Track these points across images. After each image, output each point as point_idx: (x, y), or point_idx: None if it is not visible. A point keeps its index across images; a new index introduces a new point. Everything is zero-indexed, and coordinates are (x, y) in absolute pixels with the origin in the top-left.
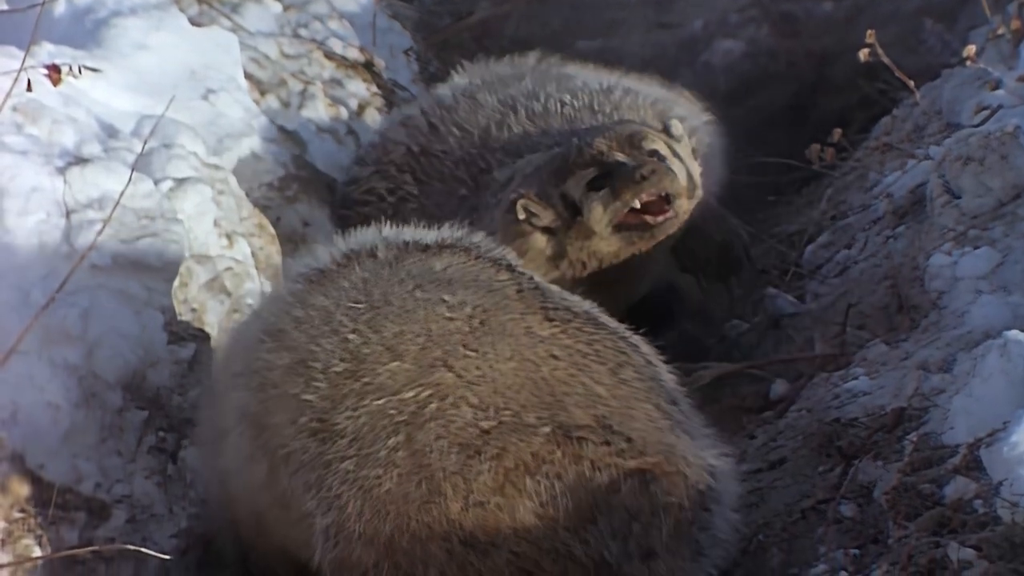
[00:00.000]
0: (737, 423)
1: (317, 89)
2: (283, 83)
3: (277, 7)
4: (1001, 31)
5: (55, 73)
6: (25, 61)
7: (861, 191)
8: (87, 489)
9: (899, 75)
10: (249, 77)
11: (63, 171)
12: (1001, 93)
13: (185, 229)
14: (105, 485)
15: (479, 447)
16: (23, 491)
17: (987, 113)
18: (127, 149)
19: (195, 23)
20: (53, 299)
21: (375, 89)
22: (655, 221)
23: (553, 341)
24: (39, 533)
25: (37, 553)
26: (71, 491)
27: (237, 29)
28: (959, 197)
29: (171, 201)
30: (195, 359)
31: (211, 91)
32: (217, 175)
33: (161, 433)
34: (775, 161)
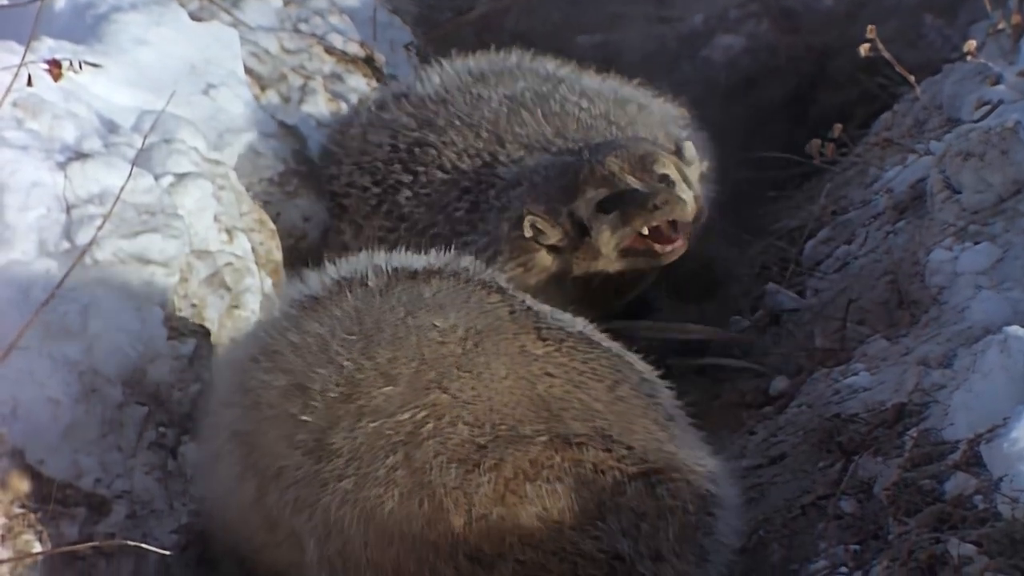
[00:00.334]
0: (737, 419)
1: (317, 84)
2: (283, 78)
3: (277, 2)
4: (1001, 26)
5: (55, 68)
6: (25, 56)
7: (861, 186)
8: (87, 484)
9: (899, 70)
10: (249, 72)
11: (63, 166)
12: (1002, 88)
13: (185, 224)
14: (105, 480)
15: (477, 461)
16: (23, 486)
17: (987, 108)
18: (127, 144)
19: (195, 18)
20: (53, 295)
21: (375, 84)
22: (663, 251)
23: (548, 359)
24: (39, 529)
25: (37, 549)
26: (71, 486)
27: (237, 24)
28: (959, 192)
29: (171, 196)
30: (195, 354)
31: (211, 86)
32: (217, 170)
33: (161, 428)
34: (775, 156)
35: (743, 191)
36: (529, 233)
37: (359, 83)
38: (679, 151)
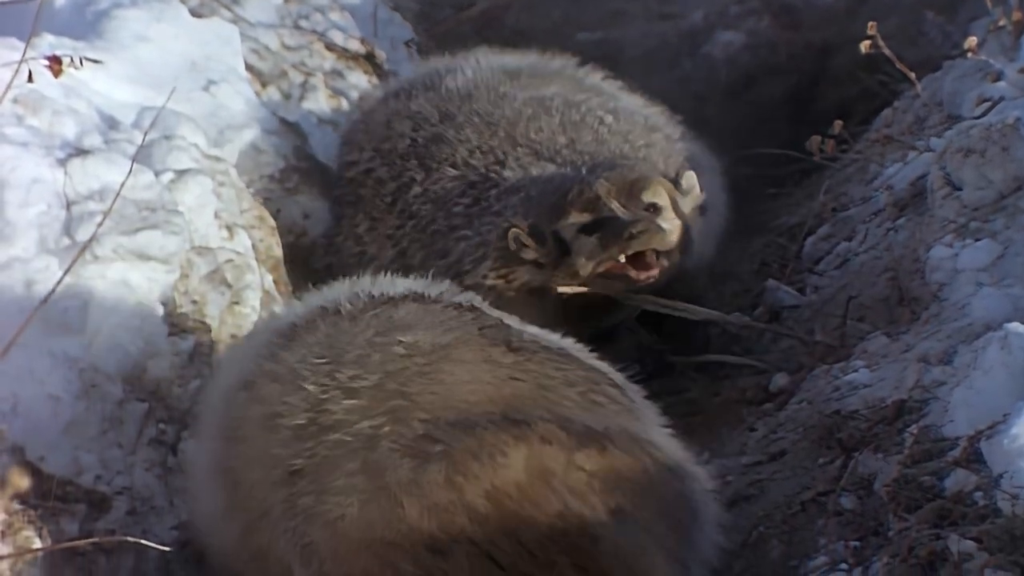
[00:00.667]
0: (737, 415)
1: (318, 80)
2: (284, 74)
3: None
4: (1002, 23)
5: (56, 64)
6: (26, 52)
7: (862, 183)
8: (87, 481)
9: (900, 67)
10: (250, 68)
11: (64, 162)
12: (1002, 85)
13: (186, 221)
14: (105, 477)
15: (429, 452)
16: (23, 483)
17: (988, 105)
18: (128, 140)
19: (196, 14)
20: (53, 291)
21: (376, 81)
22: (637, 277)
23: (516, 366)
24: (39, 525)
25: (37, 545)
26: (71, 483)
27: (238, 20)
28: (960, 189)
29: (172, 193)
30: (195, 351)
31: (212, 82)
32: (218, 167)
33: (161, 425)
34: (775, 153)
35: (743, 188)
36: (512, 246)
37: (360, 80)
38: (676, 180)
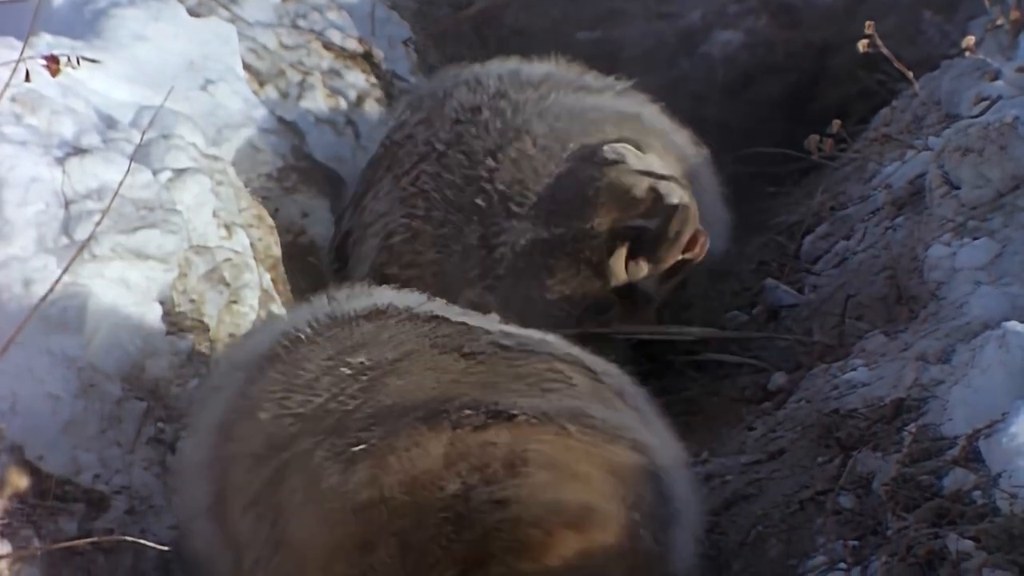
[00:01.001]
0: (736, 414)
1: (316, 80)
2: (282, 74)
3: None
4: (1000, 22)
5: (54, 63)
6: (24, 52)
7: (860, 182)
8: (86, 480)
9: (898, 66)
10: (248, 68)
11: (62, 161)
12: (1000, 84)
13: (184, 220)
14: (104, 476)
15: (354, 456)
16: (22, 482)
17: (986, 104)
18: (126, 140)
19: (193, 13)
20: (52, 290)
21: (374, 80)
22: (697, 256)
23: (463, 372)
24: (38, 524)
25: (36, 544)
26: (70, 482)
27: (235, 20)
28: (958, 188)
29: (170, 192)
30: (194, 350)
31: (210, 82)
32: (216, 166)
33: (160, 424)
34: (773, 152)
35: (742, 187)
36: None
37: (357, 79)
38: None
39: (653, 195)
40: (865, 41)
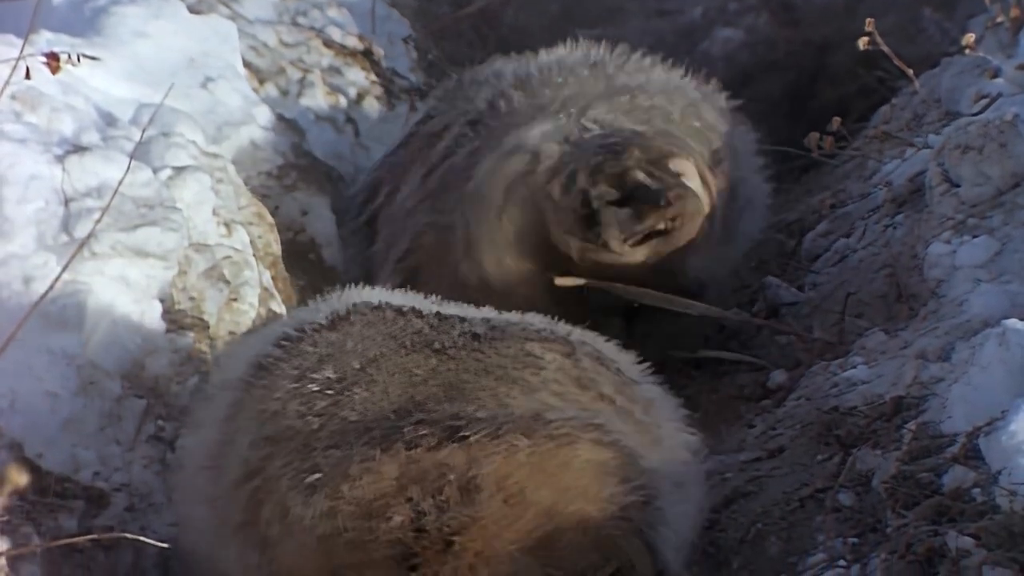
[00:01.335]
0: (735, 412)
1: (316, 77)
2: (282, 71)
3: None
4: (1000, 19)
5: (54, 61)
6: (24, 49)
7: (860, 180)
8: (86, 478)
9: (898, 64)
10: (248, 65)
11: (62, 159)
12: (1000, 81)
13: (184, 218)
14: (104, 474)
15: (313, 484)
16: (21, 480)
17: (986, 101)
18: (126, 137)
19: (193, 11)
20: (52, 288)
21: (374, 77)
22: (671, 232)
23: (432, 371)
24: (38, 522)
25: (35, 542)
26: (70, 480)
27: (235, 17)
28: (958, 186)
29: (170, 190)
30: (194, 348)
31: (210, 79)
32: (216, 163)
33: (160, 422)
34: (774, 149)
35: None
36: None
37: (358, 76)
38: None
39: (674, 169)
40: (865, 39)
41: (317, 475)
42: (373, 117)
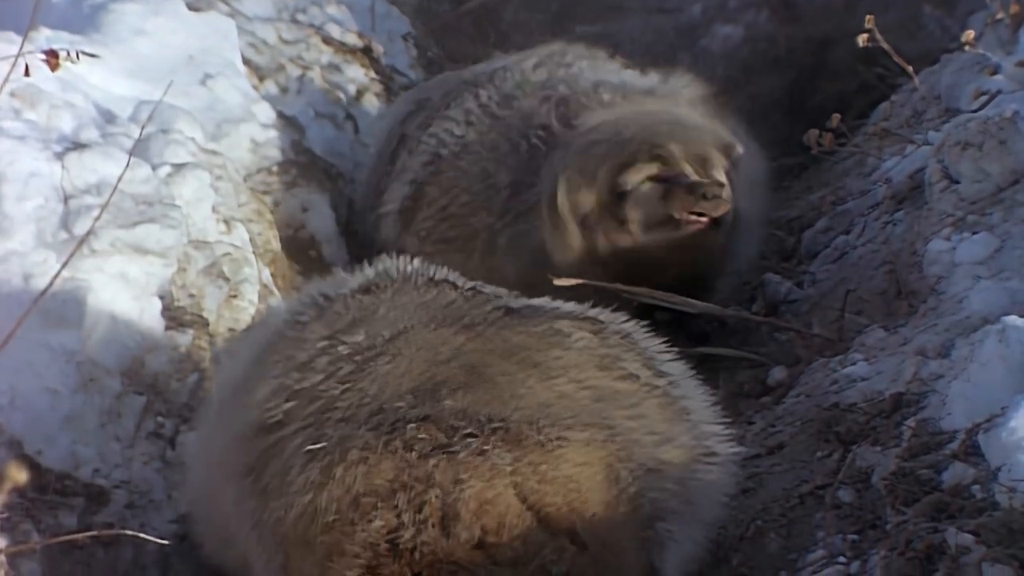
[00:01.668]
0: (735, 409)
1: (315, 74)
2: (281, 68)
3: None
4: (1000, 16)
5: (53, 58)
6: (23, 46)
7: (860, 176)
8: (86, 475)
9: (898, 60)
10: (247, 62)
11: (61, 156)
12: (1000, 78)
13: (183, 215)
14: (104, 470)
15: (315, 453)
16: (21, 477)
17: (986, 98)
18: (125, 134)
19: (193, 8)
20: (51, 285)
21: (373, 75)
22: (685, 219)
23: (457, 349)
24: (38, 518)
25: (36, 539)
26: (70, 476)
27: (235, 14)
28: (958, 182)
29: (169, 187)
30: (193, 344)
31: (209, 76)
32: (215, 160)
33: (159, 419)
34: (773, 146)
35: None
36: (563, 188)
37: (357, 74)
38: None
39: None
40: (865, 35)
41: (322, 444)
42: (373, 114)
